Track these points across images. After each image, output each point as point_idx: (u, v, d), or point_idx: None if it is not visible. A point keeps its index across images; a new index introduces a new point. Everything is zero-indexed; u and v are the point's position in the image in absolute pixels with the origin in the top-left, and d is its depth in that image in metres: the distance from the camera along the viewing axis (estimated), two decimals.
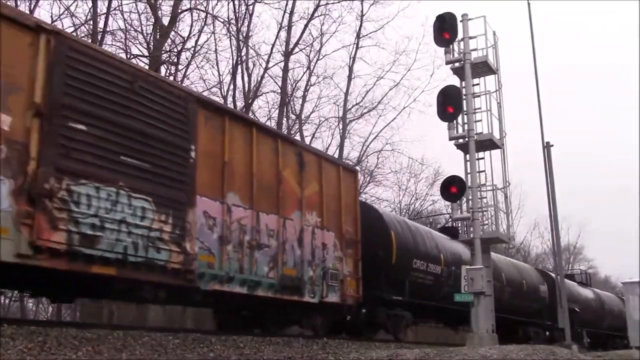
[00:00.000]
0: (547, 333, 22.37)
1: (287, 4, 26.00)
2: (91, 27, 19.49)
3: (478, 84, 13.50)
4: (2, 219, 7.03)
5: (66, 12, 19.46)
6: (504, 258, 22.34)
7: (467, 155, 12.96)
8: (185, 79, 22.69)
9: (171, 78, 21.04)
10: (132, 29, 21.32)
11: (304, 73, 28.12)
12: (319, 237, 11.83)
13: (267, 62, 25.86)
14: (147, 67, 18.79)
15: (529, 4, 19.03)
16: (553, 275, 23.76)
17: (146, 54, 21.09)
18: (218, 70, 26.39)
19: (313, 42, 27.48)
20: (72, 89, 7.97)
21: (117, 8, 20.56)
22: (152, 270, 8.71)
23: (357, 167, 13.45)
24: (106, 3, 20.10)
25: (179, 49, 22.42)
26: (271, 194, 10.87)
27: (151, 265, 8.67)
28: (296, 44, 26.62)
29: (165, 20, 21.47)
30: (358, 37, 28.75)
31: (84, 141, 8.05)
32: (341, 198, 12.67)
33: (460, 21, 13.28)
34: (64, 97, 7.87)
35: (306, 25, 26.68)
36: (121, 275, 8.39)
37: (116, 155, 8.44)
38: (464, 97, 13.05)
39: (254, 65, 25.88)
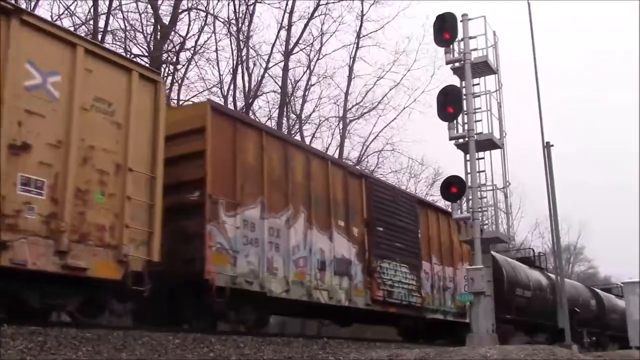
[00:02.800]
0: (594, 338, 27.04)
1: (287, 4, 26.01)
2: (91, 26, 19.47)
3: (478, 84, 13.47)
4: (359, 285, 12.82)
5: (66, 11, 19.46)
6: (566, 280, 26.41)
7: (467, 155, 12.94)
8: (185, 78, 22.71)
9: (169, 78, 21.10)
10: (132, 29, 21.33)
11: (304, 73, 28.14)
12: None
13: (268, 62, 25.88)
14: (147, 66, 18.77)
15: (529, 4, 19.07)
16: (600, 292, 29.82)
17: (146, 53, 21.08)
18: (219, 70, 26.33)
19: (313, 41, 27.48)
20: (375, 207, 13.75)
21: (117, 8, 20.56)
22: (410, 308, 14.54)
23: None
24: (106, 3, 20.11)
25: (178, 48, 22.41)
26: (448, 252, 16.71)
27: (409, 305, 14.49)
28: (296, 43, 26.61)
29: (166, 20, 21.47)
30: (358, 37, 28.75)
31: (382, 237, 13.78)
32: None
33: (460, 21, 13.24)
34: (373, 212, 13.68)
35: (306, 25, 26.68)
36: (398, 312, 14.21)
37: (392, 242, 14.15)
38: (464, 97, 13.02)
39: (254, 65, 25.89)
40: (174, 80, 22.81)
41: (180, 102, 22.36)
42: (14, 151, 7.11)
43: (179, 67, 22.72)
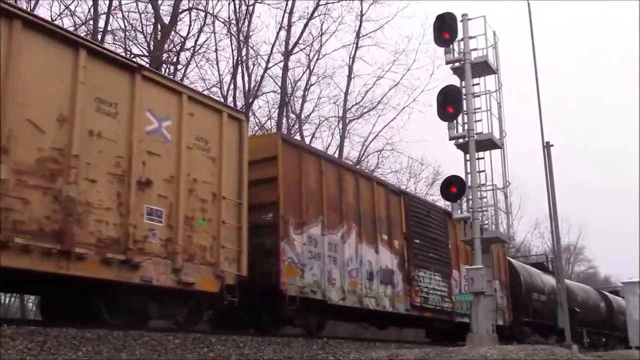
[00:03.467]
0: (604, 339, 29.08)
1: (287, 4, 25.98)
2: (91, 26, 19.47)
3: (478, 84, 13.46)
4: (400, 293, 14.16)
5: (66, 11, 19.45)
6: (577, 284, 29.25)
7: (467, 155, 12.93)
8: (185, 78, 22.69)
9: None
10: (132, 28, 21.32)
11: (304, 73, 28.12)
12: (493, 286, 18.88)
13: (267, 62, 25.86)
14: (147, 66, 18.77)
15: (529, 4, 19.08)
16: (609, 294, 31.45)
17: (146, 53, 21.07)
18: (218, 70, 26.25)
19: (313, 41, 27.45)
20: (413, 221, 15.11)
21: (117, 7, 20.56)
22: (442, 313, 15.83)
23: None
24: (107, 2, 20.10)
25: (179, 48, 22.41)
26: None
27: (442, 310, 15.76)
28: (296, 43, 26.58)
29: (166, 20, 21.45)
30: (358, 36, 28.70)
31: (418, 248, 15.10)
32: (501, 261, 19.88)
33: (460, 21, 13.24)
34: (411, 226, 15.02)
35: (306, 25, 26.64)
36: (432, 316, 15.53)
37: (427, 253, 15.44)
38: (464, 97, 13.01)
39: (254, 65, 25.88)
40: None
41: None
42: (141, 187, 8.55)
43: (179, 67, 22.73)
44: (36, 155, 7.31)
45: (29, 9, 17.85)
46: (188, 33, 22.57)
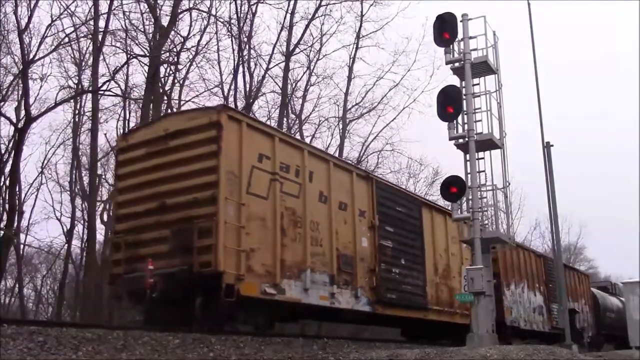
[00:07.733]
0: None
1: (288, 5, 26.01)
2: (91, 27, 19.48)
3: (478, 84, 13.43)
4: (546, 319, 21.80)
5: (66, 12, 19.47)
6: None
7: (467, 155, 12.92)
8: (186, 79, 22.72)
9: (171, 78, 21.03)
10: (132, 29, 21.34)
11: (304, 73, 28.15)
12: (585, 309, 25.73)
13: (269, 62, 25.88)
14: (147, 66, 18.80)
15: (529, 4, 19.06)
16: None
17: (147, 54, 21.08)
18: (220, 71, 26.29)
19: (313, 42, 27.49)
20: (547, 272, 22.56)
21: (118, 8, 20.58)
22: (556, 328, 21.28)
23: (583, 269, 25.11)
24: (107, 3, 20.12)
25: (179, 49, 22.42)
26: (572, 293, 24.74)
27: (556, 327, 21.46)
28: (297, 44, 26.60)
29: (166, 20, 21.46)
30: (358, 37, 28.76)
31: (550, 290, 22.30)
32: (586, 291, 26.76)
33: (460, 21, 13.22)
34: (547, 275, 22.44)
35: (307, 26, 26.68)
36: (553, 331, 21.43)
37: (554, 292, 21.72)
38: (464, 97, 13.00)
39: (255, 65, 25.89)
40: (175, 81, 22.86)
41: (182, 103, 22.47)
42: (455, 276, 16.81)
43: (180, 67, 22.75)
44: (442, 267, 16.01)
45: (29, 9, 17.85)
46: (188, 33, 22.62)
